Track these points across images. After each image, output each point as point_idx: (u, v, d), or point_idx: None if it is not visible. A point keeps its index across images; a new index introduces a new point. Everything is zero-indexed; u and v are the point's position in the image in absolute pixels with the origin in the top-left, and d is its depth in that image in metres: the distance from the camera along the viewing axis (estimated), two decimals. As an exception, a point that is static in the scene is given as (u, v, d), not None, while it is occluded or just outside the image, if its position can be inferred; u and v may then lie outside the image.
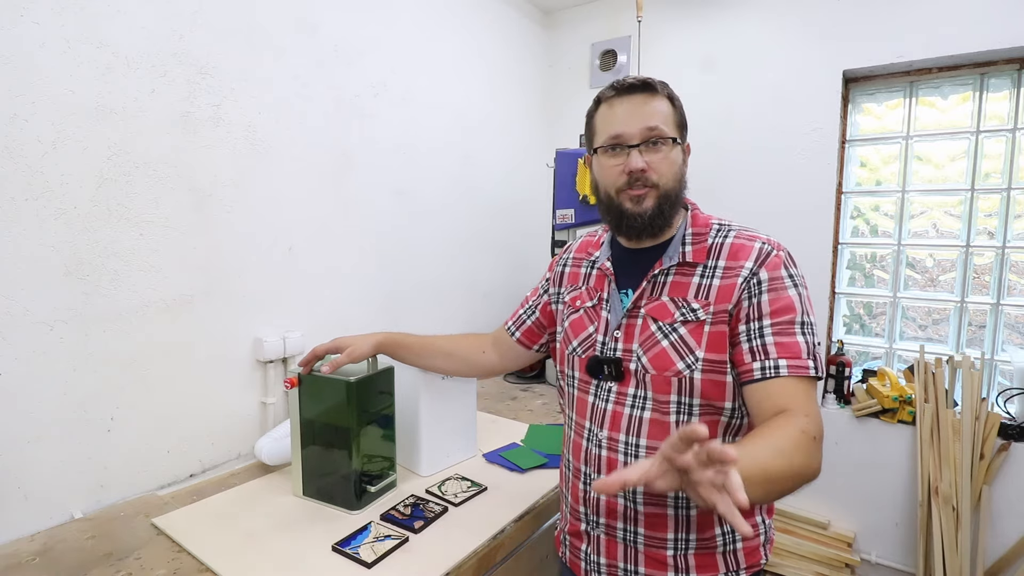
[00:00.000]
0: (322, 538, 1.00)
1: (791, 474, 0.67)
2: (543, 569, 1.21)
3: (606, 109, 0.89)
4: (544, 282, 1.13)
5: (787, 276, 0.81)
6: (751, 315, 0.80)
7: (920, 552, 1.85)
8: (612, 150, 0.87)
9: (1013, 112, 1.84)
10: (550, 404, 1.83)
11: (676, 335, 0.83)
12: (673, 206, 0.87)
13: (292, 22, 1.46)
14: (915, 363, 1.92)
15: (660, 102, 0.86)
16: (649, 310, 0.86)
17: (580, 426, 0.93)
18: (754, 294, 0.80)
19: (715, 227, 0.88)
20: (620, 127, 0.85)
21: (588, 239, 1.06)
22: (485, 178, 2.26)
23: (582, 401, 0.93)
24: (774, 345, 0.77)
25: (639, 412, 0.85)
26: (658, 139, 0.84)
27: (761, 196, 2.11)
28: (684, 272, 0.86)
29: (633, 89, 0.86)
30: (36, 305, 1.03)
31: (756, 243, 0.84)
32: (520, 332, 1.14)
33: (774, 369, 0.76)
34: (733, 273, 0.82)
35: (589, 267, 1.00)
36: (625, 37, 2.39)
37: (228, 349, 1.36)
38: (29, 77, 1.00)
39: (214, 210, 1.31)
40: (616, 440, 0.87)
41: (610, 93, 0.88)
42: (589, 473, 0.90)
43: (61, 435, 1.08)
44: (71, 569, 0.91)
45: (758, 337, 0.78)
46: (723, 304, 0.81)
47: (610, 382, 0.88)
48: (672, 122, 0.86)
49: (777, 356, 0.77)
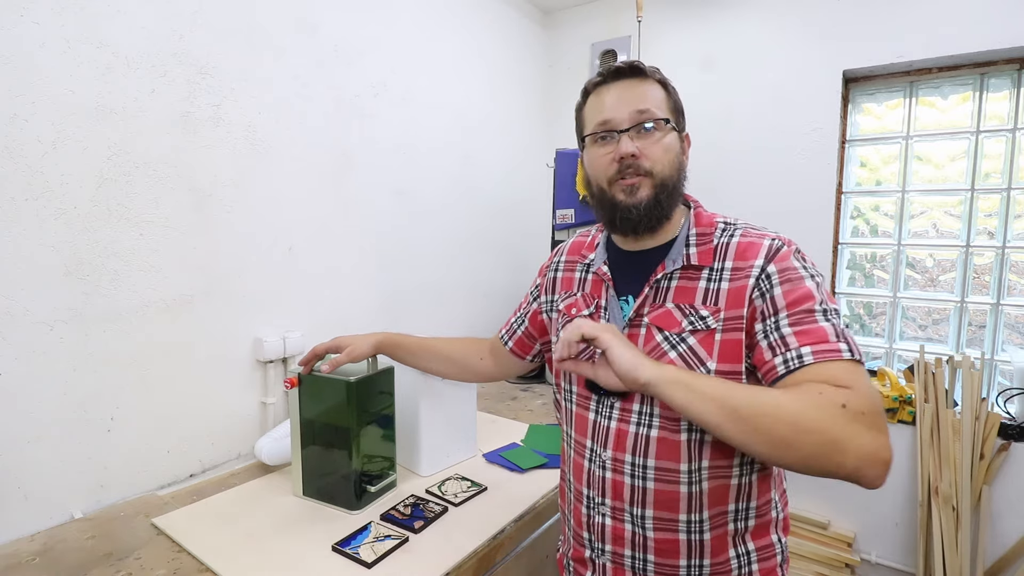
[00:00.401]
0: (322, 538, 1.00)
1: (793, 422, 0.60)
2: (543, 569, 1.21)
3: (594, 99, 0.83)
4: (534, 288, 1.07)
5: (800, 267, 0.74)
6: (766, 312, 0.72)
7: (920, 552, 1.85)
8: (601, 139, 0.81)
9: (1013, 112, 1.84)
10: (550, 404, 1.83)
11: (685, 346, 0.76)
12: (671, 196, 0.80)
13: (292, 22, 1.46)
14: (915, 363, 1.92)
15: (651, 86, 0.81)
16: (654, 319, 0.79)
17: (581, 445, 0.86)
18: (766, 290, 0.73)
19: (720, 226, 0.82)
20: (608, 113, 0.80)
21: (580, 239, 0.98)
22: (485, 178, 2.26)
23: (582, 418, 0.86)
24: (793, 335, 0.69)
25: (646, 430, 0.78)
26: (650, 122, 0.78)
27: (761, 196, 2.12)
28: (689, 276, 0.79)
29: (620, 74, 0.81)
30: (36, 305, 1.03)
31: (765, 240, 0.77)
32: (512, 342, 1.10)
33: (797, 359, 0.67)
34: (743, 274, 0.75)
35: (584, 271, 0.93)
36: (625, 37, 2.39)
37: (228, 349, 1.36)
38: (29, 77, 1.00)
39: (214, 210, 1.31)
40: (622, 461, 0.80)
41: (597, 80, 0.83)
42: (593, 497, 0.83)
43: (61, 435, 1.08)
44: (71, 569, 0.91)
45: (775, 331, 0.71)
46: (735, 310, 0.74)
47: (612, 398, 0.81)
48: (665, 106, 0.81)
49: (799, 345, 0.68)
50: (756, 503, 0.80)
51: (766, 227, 0.81)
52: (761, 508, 0.81)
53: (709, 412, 0.64)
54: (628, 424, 0.80)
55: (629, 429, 0.79)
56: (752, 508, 0.80)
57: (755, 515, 0.80)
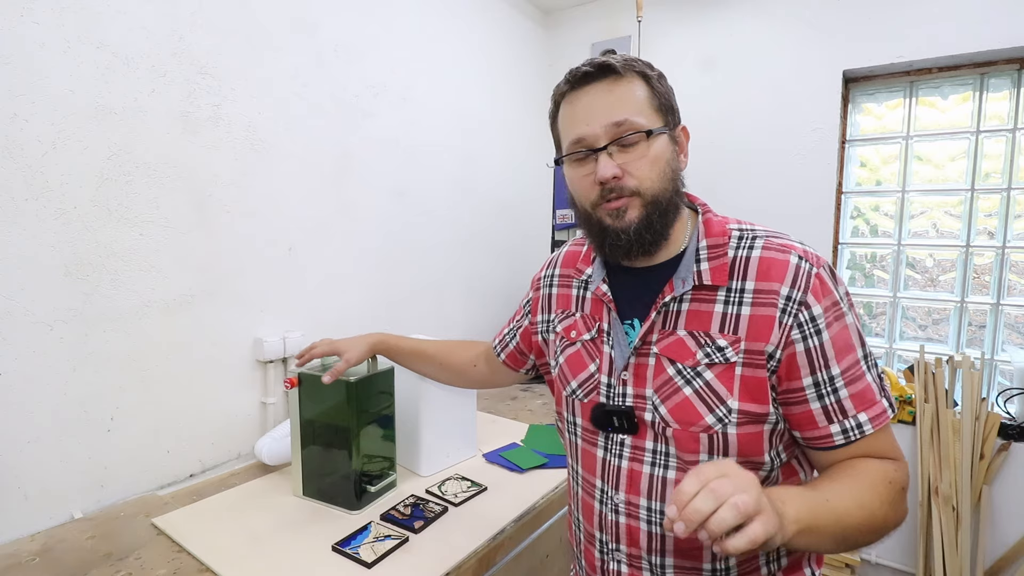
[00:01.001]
0: (322, 538, 1.00)
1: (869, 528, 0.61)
2: (543, 569, 1.21)
3: (565, 108, 0.73)
4: (526, 303, 0.97)
5: (840, 299, 0.66)
6: (815, 364, 0.64)
7: (920, 552, 1.85)
8: (578, 157, 0.71)
9: (1013, 112, 1.84)
10: (550, 404, 1.83)
11: (701, 381, 0.67)
12: (665, 214, 0.70)
13: (292, 22, 1.46)
14: (915, 363, 1.92)
15: (628, 85, 0.68)
16: (664, 349, 0.70)
17: (589, 484, 0.77)
18: (809, 334, 0.64)
19: (736, 234, 0.71)
20: (581, 128, 0.69)
21: (575, 250, 0.87)
22: (485, 178, 2.26)
23: (589, 455, 0.77)
24: (849, 399, 0.64)
25: (661, 471, 0.70)
26: (630, 134, 0.67)
27: (761, 196, 2.12)
28: (702, 298, 0.69)
29: (590, 77, 0.69)
30: (36, 305, 1.03)
31: (791, 257, 0.66)
32: (505, 355, 1.02)
33: (857, 429, 0.64)
34: (767, 300, 0.65)
35: (581, 288, 0.83)
36: (625, 37, 2.39)
37: (228, 349, 1.36)
38: (29, 77, 1.00)
39: (214, 210, 1.31)
40: (636, 505, 0.71)
41: (564, 88, 0.72)
42: (606, 542, 0.75)
43: (61, 435, 1.08)
44: (71, 569, 0.91)
45: (830, 394, 0.64)
46: (758, 343, 0.65)
47: (622, 434, 0.73)
48: (648, 107, 0.69)
49: (855, 411, 0.64)
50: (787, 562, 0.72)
51: (786, 234, 0.72)
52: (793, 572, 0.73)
53: (824, 549, 0.62)
54: (641, 464, 0.71)
55: (643, 470, 0.71)
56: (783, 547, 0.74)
57: (786, 552, 0.72)
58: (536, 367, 1.00)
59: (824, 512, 0.58)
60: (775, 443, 0.69)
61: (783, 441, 0.70)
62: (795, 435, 0.69)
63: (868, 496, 0.62)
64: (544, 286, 0.91)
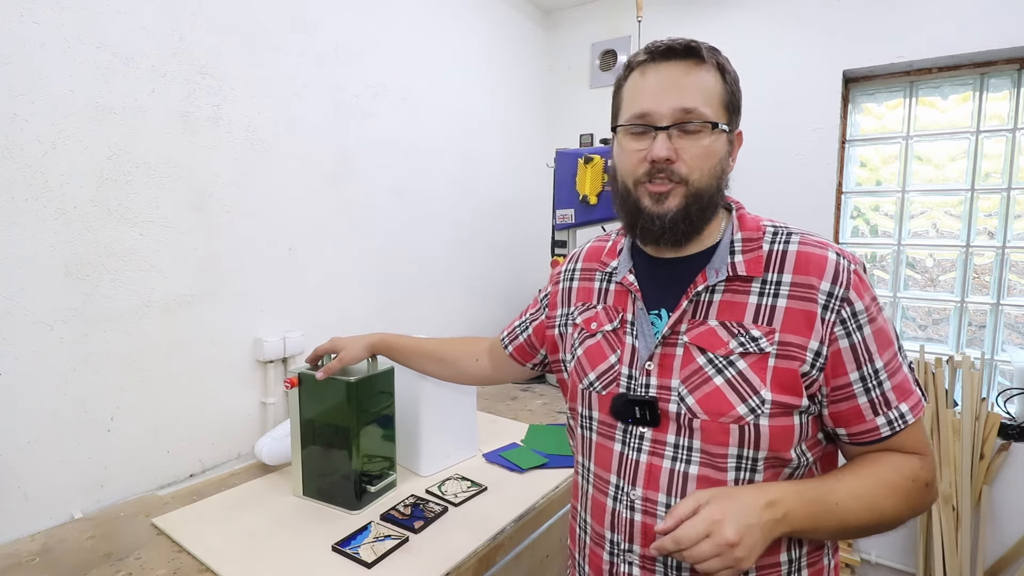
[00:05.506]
0: (322, 538, 1.00)
1: (877, 527, 0.65)
2: (543, 569, 1.21)
3: (636, 77, 0.71)
4: (543, 296, 0.95)
5: (875, 296, 0.68)
6: (861, 358, 0.65)
7: (920, 552, 1.85)
8: (635, 131, 0.69)
9: (1013, 112, 1.84)
10: (550, 404, 1.83)
11: (734, 370, 0.66)
12: (704, 209, 0.70)
13: (292, 22, 1.46)
14: (915, 363, 1.92)
15: (706, 74, 0.68)
16: (694, 338, 0.69)
17: (603, 480, 0.74)
18: (852, 330, 0.65)
19: (770, 230, 0.72)
20: (648, 103, 0.68)
21: (598, 245, 0.87)
22: (485, 178, 2.26)
23: (604, 449, 0.74)
24: (892, 390, 0.66)
25: (684, 466, 0.68)
26: (695, 122, 0.67)
27: (761, 196, 2.10)
28: (736, 288, 0.69)
29: (672, 54, 0.68)
30: (36, 305, 1.03)
31: (829, 253, 0.67)
32: (513, 347, 1.00)
33: (900, 420, 0.66)
34: (806, 294, 0.65)
35: (604, 280, 0.82)
36: (625, 37, 2.39)
37: (228, 349, 1.36)
38: (29, 77, 1.00)
39: (214, 210, 1.31)
40: (654, 502, 0.69)
41: (643, 57, 0.70)
42: (618, 542, 0.72)
43: (61, 435, 1.08)
44: (71, 569, 0.91)
45: (876, 387, 0.65)
46: (796, 336, 0.65)
47: (642, 427, 0.71)
48: (718, 102, 0.68)
49: (897, 402, 0.66)
50: (808, 548, 0.71)
51: (820, 235, 0.72)
52: (813, 556, 0.72)
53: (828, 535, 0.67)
54: (662, 459, 0.69)
55: (663, 464, 0.69)
56: (804, 557, 0.70)
57: (807, 563, 0.71)
58: (543, 363, 0.99)
59: (825, 514, 0.63)
60: (802, 438, 0.68)
61: (807, 440, 0.69)
62: (838, 432, 0.69)
63: (883, 500, 0.65)
64: (565, 280, 0.89)
